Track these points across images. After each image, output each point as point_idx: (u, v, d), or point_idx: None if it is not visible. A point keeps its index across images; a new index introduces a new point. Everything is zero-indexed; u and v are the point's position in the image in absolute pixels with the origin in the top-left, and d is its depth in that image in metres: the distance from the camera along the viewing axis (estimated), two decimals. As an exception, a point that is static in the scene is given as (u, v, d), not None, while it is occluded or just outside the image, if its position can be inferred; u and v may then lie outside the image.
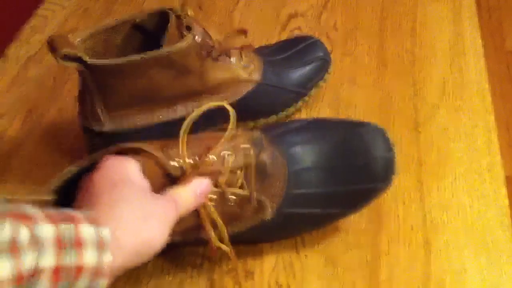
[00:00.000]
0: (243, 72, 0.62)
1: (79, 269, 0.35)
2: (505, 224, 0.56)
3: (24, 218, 0.33)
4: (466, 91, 0.70)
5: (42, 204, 0.44)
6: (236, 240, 0.51)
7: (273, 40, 0.79)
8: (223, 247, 0.49)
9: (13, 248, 0.32)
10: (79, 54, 0.52)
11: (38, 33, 0.84)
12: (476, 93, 0.70)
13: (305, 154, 0.52)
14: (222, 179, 0.47)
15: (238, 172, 0.48)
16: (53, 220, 0.35)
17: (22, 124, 0.70)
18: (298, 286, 0.53)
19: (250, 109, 0.64)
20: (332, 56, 0.70)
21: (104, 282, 0.37)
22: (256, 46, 0.70)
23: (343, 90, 0.71)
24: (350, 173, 0.52)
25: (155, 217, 0.41)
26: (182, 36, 0.57)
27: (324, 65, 0.68)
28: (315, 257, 0.55)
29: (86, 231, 0.36)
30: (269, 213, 0.50)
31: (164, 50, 0.55)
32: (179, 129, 0.47)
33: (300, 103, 0.67)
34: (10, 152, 0.66)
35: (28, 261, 0.32)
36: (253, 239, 0.54)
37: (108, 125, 0.57)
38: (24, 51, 0.81)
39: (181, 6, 0.59)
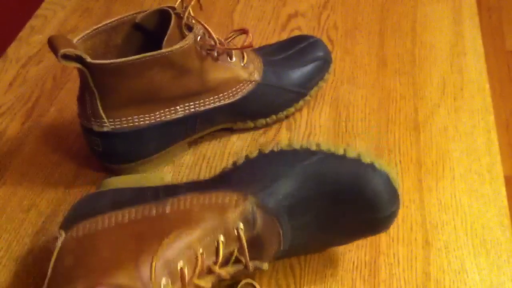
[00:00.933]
0: (243, 72, 0.62)
1: None
2: (504, 224, 0.56)
3: None
4: (466, 91, 0.70)
5: None
6: None
7: (273, 40, 0.79)
8: None
9: None
10: (79, 54, 0.52)
11: (38, 33, 0.84)
12: (476, 93, 0.70)
13: (301, 210, 0.48)
14: (216, 267, 0.45)
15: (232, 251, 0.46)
16: None
17: (22, 124, 0.70)
18: (298, 286, 0.53)
19: (250, 109, 0.64)
20: (332, 55, 0.70)
21: None
22: (256, 46, 0.70)
23: (343, 90, 0.71)
24: (351, 227, 0.49)
25: None
26: (182, 36, 0.57)
27: (324, 65, 0.68)
28: (315, 257, 0.55)
29: None
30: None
31: (165, 50, 0.55)
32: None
33: (300, 103, 0.67)
34: (10, 152, 0.66)
35: None
36: None
37: (108, 125, 0.57)
38: (24, 51, 0.81)
39: (181, 5, 0.59)
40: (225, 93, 0.61)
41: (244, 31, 0.63)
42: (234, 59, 0.62)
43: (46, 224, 0.60)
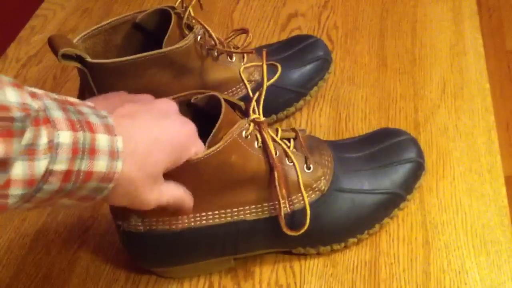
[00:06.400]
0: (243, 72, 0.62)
1: (89, 174, 0.37)
2: (504, 224, 0.56)
3: (47, 122, 0.35)
4: (466, 91, 0.70)
5: None
6: (298, 221, 0.51)
7: (273, 40, 0.79)
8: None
9: (30, 152, 0.33)
10: (79, 53, 0.52)
11: (38, 33, 0.84)
12: (476, 93, 0.70)
13: (347, 147, 0.57)
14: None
15: (290, 140, 0.52)
16: (73, 127, 0.36)
17: (22, 123, 0.70)
18: (298, 286, 0.53)
19: (250, 109, 0.64)
20: (332, 55, 0.70)
21: (111, 185, 0.39)
22: (256, 46, 0.70)
23: (343, 90, 0.71)
24: (387, 155, 0.56)
25: (170, 117, 0.43)
26: (183, 36, 0.57)
27: (324, 64, 0.68)
28: (315, 257, 0.55)
29: (101, 140, 0.38)
30: (323, 183, 0.52)
31: (165, 49, 0.55)
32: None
33: (300, 102, 0.67)
34: (10, 151, 0.66)
35: (41, 165, 0.34)
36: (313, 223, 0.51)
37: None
38: (24, 51, 0.81)
39: (181, 4, 0.59)
40: (225, 92, 0.61)
41: (244, 31, 0.63)
42: (234, 58, 0.62)
43: (46, 224, 0.60)
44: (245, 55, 0.62)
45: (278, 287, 0.53)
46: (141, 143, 0.40)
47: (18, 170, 0.33)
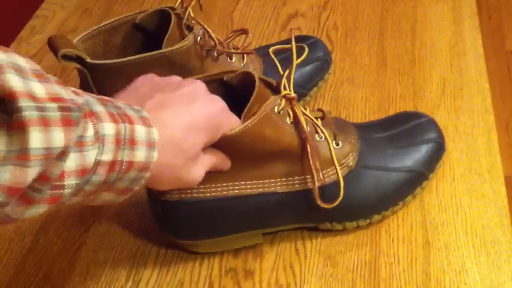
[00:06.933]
0: (243, 72, 0.62)
1: (130, 164, 0.39)
2: (504, 224, 0.56)
3: (92, 115, 0.36)
4: (466, 91, 0.70)
5: None
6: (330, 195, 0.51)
7: (273, 40, 0.79)
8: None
9: (80, 144, 0.35)
10: (79, 54, 0.52)
11: (38, 33, 0.84)
12: (476, 93, 0.70)
13: (369, 128, 0.58)
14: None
15: (318, 119, 0.53)
16: (114, 120, 0.38)
17: (22, 124, 0.70)
18: (298, 286, 0.53)
19: (250, 109, 0.64)
20: (332, 56, 0.70)
21: (148, 174, 0.41)
22: (256, 46, 0.70)
23: (343, 90, 0.71)
24: (409, 136, 0.57)
25: (199, 98, 0.45)
26: (183, 36, 0.57)
27: (324, 65, 0.68)
28: (315, 257, 0.55)
29: (139, 131, 0.39)
30: (351, 159, 0.53)
31: (164, 50, 0.55)
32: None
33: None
34: (10, 152, 0.66)
35: (91, 156, 0.36)
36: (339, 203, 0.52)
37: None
38: (24, 51, 0.81)
39: (181, 5, 0.59)
40: (225, 93, 0.61)
41: (244, 31, 0.63)
42: (234, 59, 0.62)
43: (46, 224, 0.60)
44: (245, 56, 0.62)
45: (278, 287, 0.53)
46: (175, 131, 0.42)
47: (71, 161, 0.35)
